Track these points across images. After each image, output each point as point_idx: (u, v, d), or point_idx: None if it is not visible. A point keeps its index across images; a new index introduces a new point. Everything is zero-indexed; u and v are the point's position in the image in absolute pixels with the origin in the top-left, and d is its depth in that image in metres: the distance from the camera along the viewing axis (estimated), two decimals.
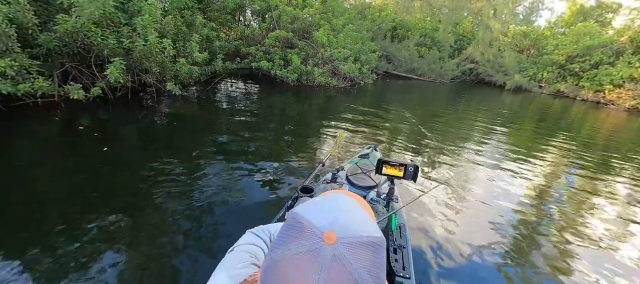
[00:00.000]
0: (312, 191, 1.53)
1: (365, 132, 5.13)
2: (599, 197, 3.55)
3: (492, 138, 5.86)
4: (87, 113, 4.10)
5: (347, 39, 9.93)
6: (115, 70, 3.91)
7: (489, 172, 3.95)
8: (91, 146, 3.21)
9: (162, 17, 4.83)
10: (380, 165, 1.47)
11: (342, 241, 0.35)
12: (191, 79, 5.58)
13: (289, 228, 0.38)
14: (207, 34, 6.50)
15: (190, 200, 2.43)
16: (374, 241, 0.37)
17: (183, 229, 2.10)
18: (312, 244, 0.35)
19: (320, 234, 0.36)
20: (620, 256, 2.43)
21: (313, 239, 0.36)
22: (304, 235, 0.36)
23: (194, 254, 1.89)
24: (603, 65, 16.63)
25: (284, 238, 0.37)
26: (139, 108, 4.66)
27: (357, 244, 0.36)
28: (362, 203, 0.52)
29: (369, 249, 0.36)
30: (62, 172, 2.68)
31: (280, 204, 2.25)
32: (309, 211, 0.39)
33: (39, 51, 3.88)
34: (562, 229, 2.74)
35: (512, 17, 23.08)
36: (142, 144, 3.67)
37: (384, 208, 1.60)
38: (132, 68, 4.63)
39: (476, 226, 2.59)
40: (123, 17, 4.47)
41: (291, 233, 0.37)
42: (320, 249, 0.35)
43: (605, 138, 7.46)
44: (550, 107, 12.93)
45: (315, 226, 0.37)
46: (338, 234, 0.36)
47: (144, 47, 4.24)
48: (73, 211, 2.13)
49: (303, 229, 0.37)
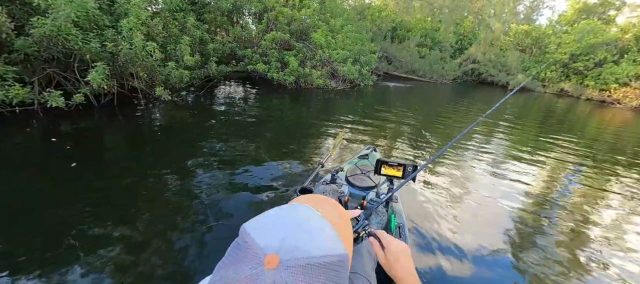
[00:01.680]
0: (311, 192, 1.48)
1: (364, 133, 4.95)
2: (604, 200, 3.41)
3: (494, 138, 5.71)
4: (67, 122, 3.85)
5: (346, 40, 9.69)
6: (98, 75, 3.67)
7: (490, 172, 3.86)
8: (58, 161, 2.88)
9: (150, 19, 4.60)
10: (379, 165, 1.45)
11: (286, 264, 0.31)
12: (182, 84, 5.33)
13: (234, 248, 0.34)
14: (200, 36, 6.27)
15: (183, 206, 2.32)
16: (329, 261, 0.32)
17: (176, 236, 1.99)
18: (250, 269, 0.31)
19: (262, 256, 0.31)
20: (624, 259, 2.35)
21: (253, 262, 0.31)
22: (245, 258, 0.32)
23: (189, 262, 1.80)
24: (607, 64, 16.34)
25: (227, 259, 0.34)
26: (125, 115, 4.41)
27: (306, 267, 0.31)
28: (330, 212, 0.42)
29: (321, 273, 0.31)
30: (13, 193, 2.35)
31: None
32: (257, 229, 0.35)
33: (16, 57, 3.65)
34: (565, 231, 2.68)
35: (513, 16, 22.80)
36: (125, 152, 3.42)
37: (383, 208, 1.57)
38: (117, 73, 4.40)
39: (477, 226, 2.54)
40: (108, 20, 4.25)
41: (234, 254, 0.33)
42: (259, 275, 0.30)
43: (611, 138, 7.18)
44: (554, 107, 12.65)
45: (259, 246, 0.32)
46: (282, 257, 0.31)
47: (128, 51, 3.99)
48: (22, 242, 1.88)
49: (247, 251, 0.32)
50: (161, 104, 5.10)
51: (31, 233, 1.91)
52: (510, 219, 2.73)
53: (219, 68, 6.81)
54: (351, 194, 1.77)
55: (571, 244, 2.47)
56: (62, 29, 3.55)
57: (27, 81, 3.85)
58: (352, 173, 1.95)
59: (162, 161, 3.16)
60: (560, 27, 21.50)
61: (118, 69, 4.29)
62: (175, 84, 5.21)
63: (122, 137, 3.84)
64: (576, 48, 17.25)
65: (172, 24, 5.49)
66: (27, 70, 3.87)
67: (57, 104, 3.62)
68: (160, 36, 5.09)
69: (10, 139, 3.32)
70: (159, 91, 4.64)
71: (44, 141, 3.38)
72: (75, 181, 2.57)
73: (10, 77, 3.45)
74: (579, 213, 3.02)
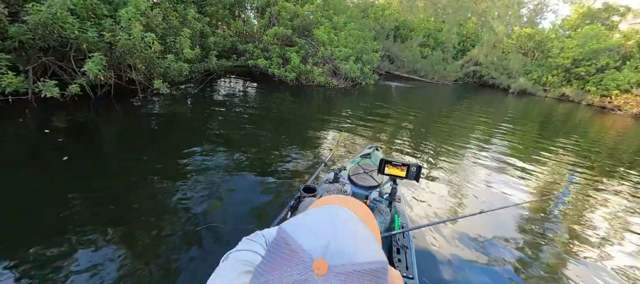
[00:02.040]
0: (314, 190, 1.52)
1: (366, 132, 4.89)
2: (603, 206, 3.39)
3: (496, 141, 5.69)
4: (62, 113, 3.75)
5: (349, 37, 9.57)
6: (94, 66, 3.56)
7: (492, 174, 3.86)
8: (49, 154, 2.78)
9: (150, 9, 4.48)
10: (382, 165, 1.45)
11: (335, 271, 0.30)
12: (182, 77, 5.23)
13: (277, 249, 0.33)
14: (200, 29, 6.15)
15: (185, 204, 2.28)
16: (374, 268, 0.32)
17: (178, 235, 1.95)
18: (299, 274, 0.30)
19: (310, 261, 0.31)
20: (622, 264, 2.33)
21: (301, 267, 0.31)
22: (291, 261, 0.31)
23: (192, 260, 1.77)
24: (609, 70, 16.27)
25: (270, 262, 0.33)
26: (122, 108, 4.31)
27: (353, 273, 0.31)
28: (363, 213, 0.45)
29: (368, 280, 0.31)
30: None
31: (283, 204, 2.20)
32: (300, 231, 0.34)
33: (10, 44, 3.54)
34: (565, 232, 2.67)
35: (516, 19, 22.67)
36: (120, 146, 3.32)
37: (386, 208, 1.57)
38: (115, 64, 4.28)
39: (479, 226, 2.52)
40: (106, 9, 4.13)
41: (277, 257, 0.33)
42: (308, 281, 0.30)
43: (611, 145, 7.13)
44: (554, 112, 12.60)
45: (304, 250, 0.32)
46: (330, 263, 0.31)
47: (126, 41, 3.88)
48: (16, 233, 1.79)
49: (291, 254, 0.32)
50: (159, 98, 5.00)
51: (18, 229, 1.83)
52: (512, 220, 2.72)
53: (219, 62, 6.70)
54: (354, 194, 1.77)
55: (571, 248, 2.46)
56: (58, 17, 3.43)
57: (21, 70, 3.74)
58: (355, 172, 1.94)
59: (158, 157, 3.07)
60: (563, 32, 21.40)
61: (116, 60, 4.18)
62: (175, 77, 5.10)
63: (117, 130, 3.74)
64: (579, 53, 17.16)
65: (172, 15, 5.37)
66: (21, 58, 3.75)
67: (52, 95, 3.51)
68: (160, 28, 4.98)
69: (2, 129, 3.22)
70: (157, 84, 4.54)
71: (37, 132, 3.28)
72: (65, 175, 2.47)
73: (3, 65, 3.34)
74: (578, 217, 3.02)
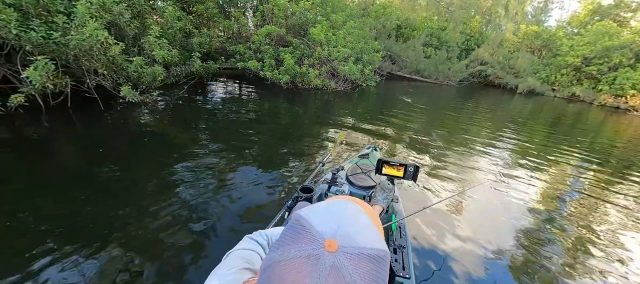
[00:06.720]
0: (311, 191, 1.53)
1: (366, 135, 4.56)
2: (613, 212, 3.17)
3: (498, 142, 5.35)
4: (3, 128, 3.15)
5: (348, 36, 8.92)
6: (37, 73, 2.96)
7: (492, 175, 3.74)
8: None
9: (114, 4, 3.88)
10: (380, 165, 1.41)
11: (343, 250, 0.34)
12: (155, 82, 4.61)
13: (292, 230, 0.37)
14: (182, 27, 5.55)
15: (184, 202, 2.27)
16: (378, 254, 0.36)
17: (178, 233, 1.95)
18: (312, 250, 0.34)
19: (322, 240, 0.35)
20: (627, 265, 2.24)
21: (314, 244, 0.34)
22: (305, 239, 0.35)
23: (191, 258, 1.77)
24: (623, 68, 15.50)
25: (285, 239, 0.36)
26: (81, 120, 3.70)
27: (360, 255, 0.34)
28: (370, 212, 0.50)
29: (372, 262, 0.35)
30: None
31: (280, 205, 2.20)
32: (314, 215, 0.38)
33: None
34: (567, 236, 2.56)
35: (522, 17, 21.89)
36: (74, 164, 2.71)
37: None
38: (72, 69, 3.68)
39: (477, 227, 2.49)
40: (61, 5, 3.53)
41: (293, 236, 0.36)
42: (320, 256, 0.33)
43: (625, 148, 6.45)
44: (565, 112, 11.88)
45: (318, 231, 0.36)
46: (340, 243, 0.34)
47: (80, 42, 3.28)
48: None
49: (305, 233, 0.36)
50: (133, 106, 4.38)
51: None
52: (512, 221, 2.66)
53: (205, 65, 6.10)
54: (352, 194, 1.76)
55: (573, 249, 2.38)
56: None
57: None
58: (352, 172, 1.93)
59: (125, 173, 2.60)
60: (571, 29, 20.60)
61: (72, 64, 3.58)
62: (148, 82, 4.49)
63: (73, 147, 3.14)
64: (590, 51, 16.39)
65: (147, 12, 4.77)
66: None
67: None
68: (132, 27, 4.38)
69: None
70: (125, 90, 3.93)
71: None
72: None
73: None
74: (583, 222, 2.84)
